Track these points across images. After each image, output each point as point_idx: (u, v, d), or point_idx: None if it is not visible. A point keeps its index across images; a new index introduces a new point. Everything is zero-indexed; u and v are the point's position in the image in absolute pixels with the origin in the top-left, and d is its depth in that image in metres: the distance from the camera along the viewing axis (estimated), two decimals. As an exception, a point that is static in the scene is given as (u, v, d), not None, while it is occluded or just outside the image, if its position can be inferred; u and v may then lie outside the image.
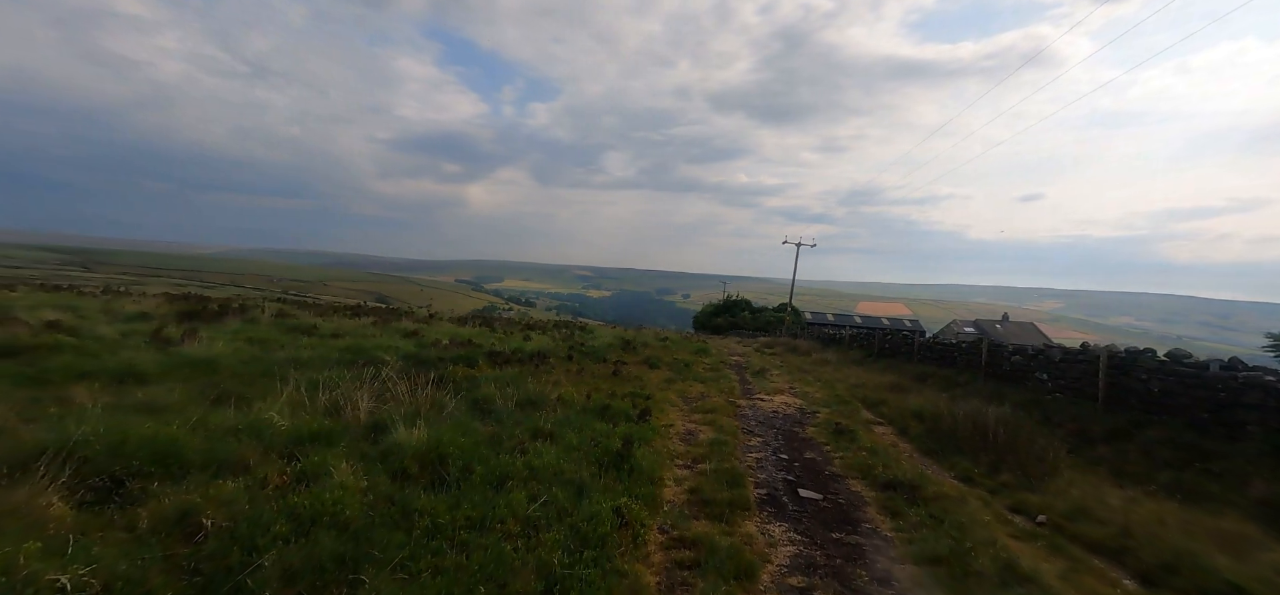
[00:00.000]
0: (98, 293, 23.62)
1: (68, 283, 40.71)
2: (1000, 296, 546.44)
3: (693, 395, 10.47)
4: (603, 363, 13.00)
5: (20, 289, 21.71)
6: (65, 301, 15.64)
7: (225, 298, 25.72)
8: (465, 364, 10.10)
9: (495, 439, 5.23)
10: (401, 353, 10.02)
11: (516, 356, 11.71)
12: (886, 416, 10.30)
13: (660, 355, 15.25)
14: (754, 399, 10.96)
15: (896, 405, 10.88)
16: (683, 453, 6.09)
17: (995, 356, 13.36)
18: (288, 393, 6.37)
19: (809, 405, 10.65)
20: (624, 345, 16.44)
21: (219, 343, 8.94)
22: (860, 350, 22.32)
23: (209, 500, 3.29)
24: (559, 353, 13.26)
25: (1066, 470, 7.03)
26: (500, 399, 7.09)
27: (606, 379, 10.49)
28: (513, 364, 11.25)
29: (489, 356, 11.15)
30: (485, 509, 3.60)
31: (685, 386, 11.30)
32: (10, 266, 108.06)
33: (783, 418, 9.22)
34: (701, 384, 11.88)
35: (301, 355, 8.71)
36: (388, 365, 9.18)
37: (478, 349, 11.67)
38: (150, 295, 23.90)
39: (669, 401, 9.30)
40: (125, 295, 22.41)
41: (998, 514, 5.40)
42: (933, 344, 17.14)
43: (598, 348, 14.96)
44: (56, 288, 25.78)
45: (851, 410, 10.32)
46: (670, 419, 7.94)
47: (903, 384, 13.59)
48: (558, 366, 11.77)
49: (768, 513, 4.56)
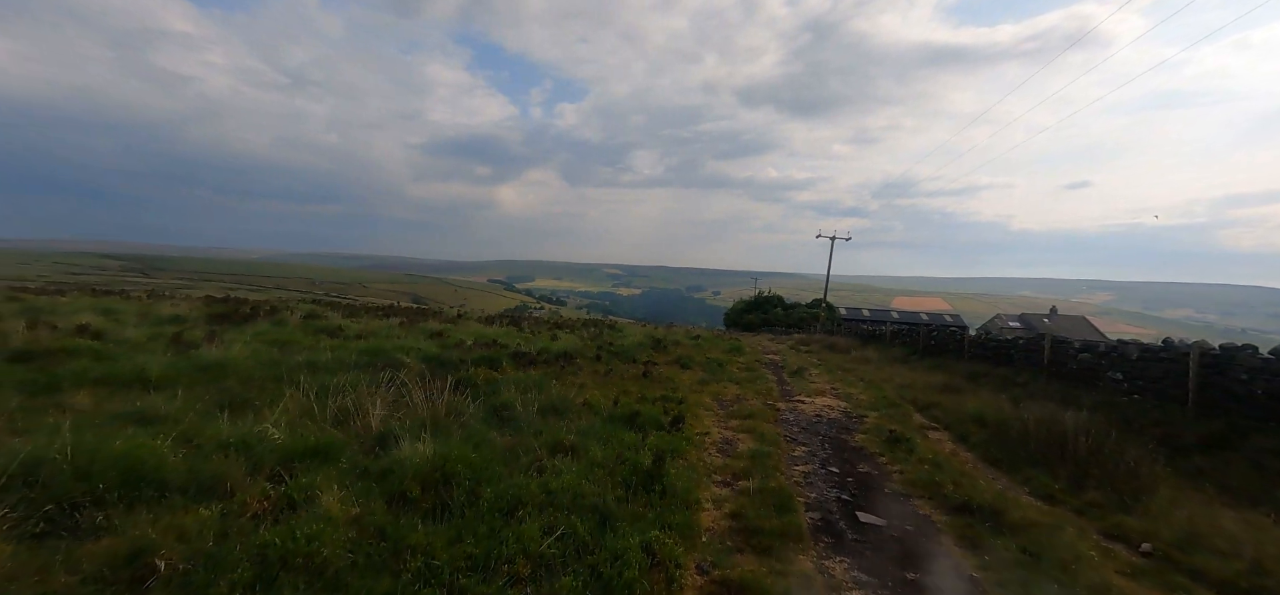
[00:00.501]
0: (145, 296, 24.26)
1: (122, 287, 42.40)
2: (1045, 289, 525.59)
3: (728, 398, 9.79)
4: (632, 363, 12.42)
5: (71, 293, 22.38)
6: (107, 305, 15.90)
7: (260, 299, 26.17)
8: (488, 366, 9.65)
9: (511, 453, 4.68)
10: (423, 354, 9.63)
11: (542, 357, 11.23)
12: (941, 421, 9.43)
13: (692, 355, 14.58)
14: (794, 401, 10.21)
15: (951, 408, 9.99)
16: (721, 467, 5.44)
17: (1059, 354, 12.25)
18: (295, 400, 5.98)
19: (854, 408, 9.85)
20: (654, 344, 15.84)
21: (237, 345, 8.69)
22: (903, 347, 21.17)
23: (169, 534, 2.82)
24: (587, 353, 12.74)
25: (1163, 487, 6.12)
26: (521, 405, 6.56)
27: (636, 381, 9.90)
28: (538, 365, 10.77)
29: (514, 358, 10.69)
30: (491, 544, 3.05)
31: (720, 388, 10.62)
32: (76, 273, 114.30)
33: (827, 423, 8.46)
34: (737, 386, 11.18)
35: (320, 358, 8.38)
36: (407, 368, 8.80)
37: (502, 350, 11.23)
38: (191, 298, 24.44)
39: (703, 406, 8.65)
40: (168, 298, 22.93)
41: (1093, 541, 4.60)
42: (984, 340, 15.99)
43: (627, 347, 14.39)
44: (108, 292, 26.62)
45: (902, 414, 9.48)
46: (705, 426, 7.29)
47: (954, 384, 12.61)
48: (585, 368, 11.24)
49: (824, 543, 3.89)
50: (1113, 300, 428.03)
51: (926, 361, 17.38)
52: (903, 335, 22.89)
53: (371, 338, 12.04)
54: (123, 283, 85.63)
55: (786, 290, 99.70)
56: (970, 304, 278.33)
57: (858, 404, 10.26)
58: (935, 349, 18.83)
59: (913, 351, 19.99)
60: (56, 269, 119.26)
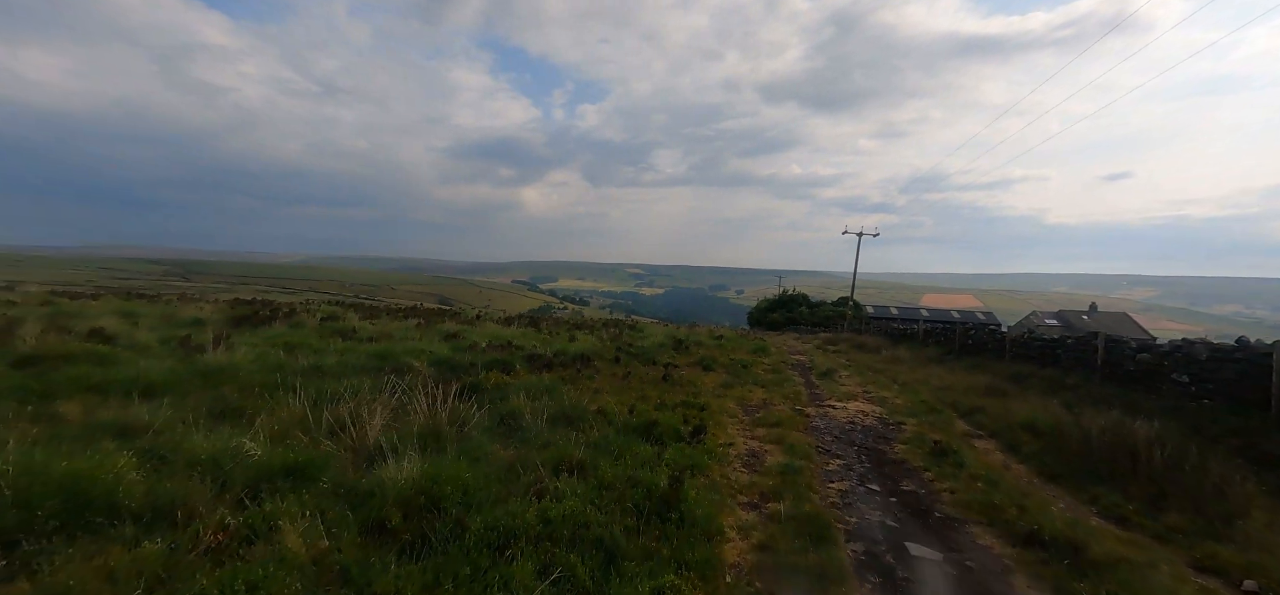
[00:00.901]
0: (176, 299, 24.65)
1: (159, 291, 43.55)
2: (1083, 285, 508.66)
3: (753, 403, 9.20)
4: (652, 365, 11.90)
5: (105, 297, 22.78)
6: (132, 309, 16.03)
7: (287, 302, 26.43)
8: (501, 370, 9.24)
9: (511, 470, 4.20)
10: (434, 357, 9.27)
11: (559, 360, 10.79)
12: (987, 428, 8.70)
13: (715, 356, 14.00)
14: (824, 406, 9.57)
15: (997, 414, 9.23)
16: (747, 485, 4.88)
17: (1116, 354, 11.33)
18: (289, 409, 5.61)
19: (890, 414, 9.16)
20: (676, 345, 15.29)
21: (243, 349, 8.43)
22: (937, 347, 20.21)
23: (97, 577, 2.40)
24: (605, 355, 12.27)
25: (1256, 509, 5.36)
26: (531, 413, 6.10)
27: (655, 385, 9.38)
28: (554, 368, 10.33)
29: (528, 360, 10.27)
30: (474, 590, 2.56)
31: (744, 392, 10.03)
32: (122, 278, 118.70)
33: (862, 431, 7.81)
34: (763, 389, 10.58)
35: (326, 362, 8.06)
36: (416, 372, 8.43)
37: (517, 352, 10.82)
38: (219, 301, 24.74)
39: (726, 412, 8.08)
40: (196, 301, 23.21)
41: (1178, 573, 3.92)
42: (1027, 339, 15.03)
43: (647, 348, 13.88)
44: (142, 296, 27.12)
45: (944, 421, 8.77)
46: (729, 436, 6.73)
47: (998, 387, 11.78)
48: (603, 371, 10.76)
49: (871, 584, 3.30)
50: (1156, 296, 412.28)
51: (964, 362, 16.48)
52: (936, 334, 21.90)
53: (385, 340, 11.76)
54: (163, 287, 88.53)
55: (811, 288, 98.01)
56: (1003, 301, 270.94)
57: (894, 409, 9.56)
58: (973, 348, 17.87)
59: (948, 351, 19.04)
60: (103, 274, 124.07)
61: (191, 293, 40.10)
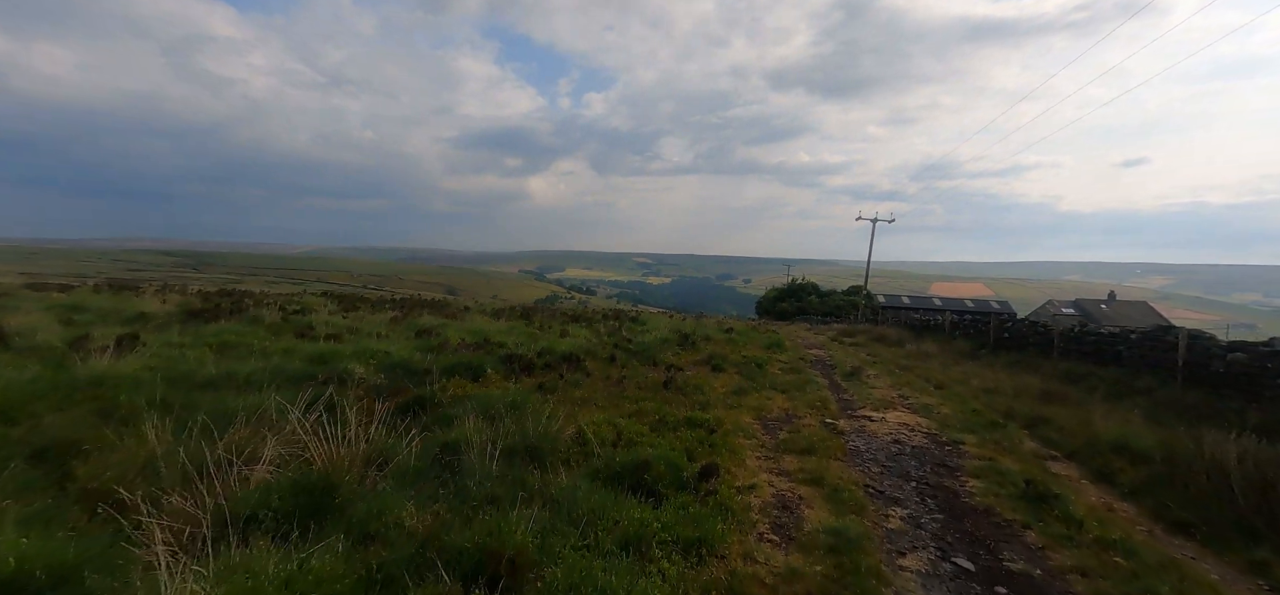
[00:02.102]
0: (152, 291, 23.32)
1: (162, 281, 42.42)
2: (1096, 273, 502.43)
3: (774, 415, 7.58)
4: (653, 366, 10.30)
5: (79, 290, 21.41)
6: (83, 301, 14.60)
7: (267, 292, 25.05)
8: (468, 375, 7.67)
9: (387, 577, 2.61)
10: (390, 360, 7.69)
11: (543, 361, 9.21)
12: (1062, 447, 7.04)
13: (725, 354, 12.37)
14: (858, 417, 7.93)
15: (1071, 429, 7.56)
16: (783, 571, 3.27)
17: (1201, 353, 9.59)
18: (144, 442, 4.07)
19: (941, 428, 7.51)
20: (681, 341, 13.66)
21: (145, 353, 6.88)
22: (968, 341, 18.47)
23: None
24: (600, 353, 10.68)
25: None
26: (482, 441, 4.52)
27: (654, 393, 7.78)
28: (536, 372, 8.75)
29: (505, 362, 8.69)
30: None
31: (761, 399, 8.41)
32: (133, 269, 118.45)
33: (914, 456, 6.18)
34: (783, 395, 8.95)
35: (245, 369, 6.50)
36: (358, 381, 6.88)
37: (494, 352, 9.25)
38: (187, 292, 23.35)
39: (743, 431, 6.46)
40: (165, 292, 21.85)
41: None
42: (1080, 333, 13.26)
43: (648, 345, 12.28)
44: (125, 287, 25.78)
45: (1008, 439, 7.11)
46: (749, 471, 5.11)
47: (1055, 391, 10.09)
48: (595, 373, 9.17)
49: None
50: (1172, 284, 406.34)
51: (1002, 359, 14.76)
52: (965, 326, 20.12)
53: (346, 338, 10.23)
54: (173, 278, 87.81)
55: (820, 277, 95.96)
56: (1015, 290, 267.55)
57: (943, 421, 7.91)
58: (1011, 343, 16.12)
59: (980, 345, 17.30)
60: (116, 266, 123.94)
61: (183, 283, 38.94)
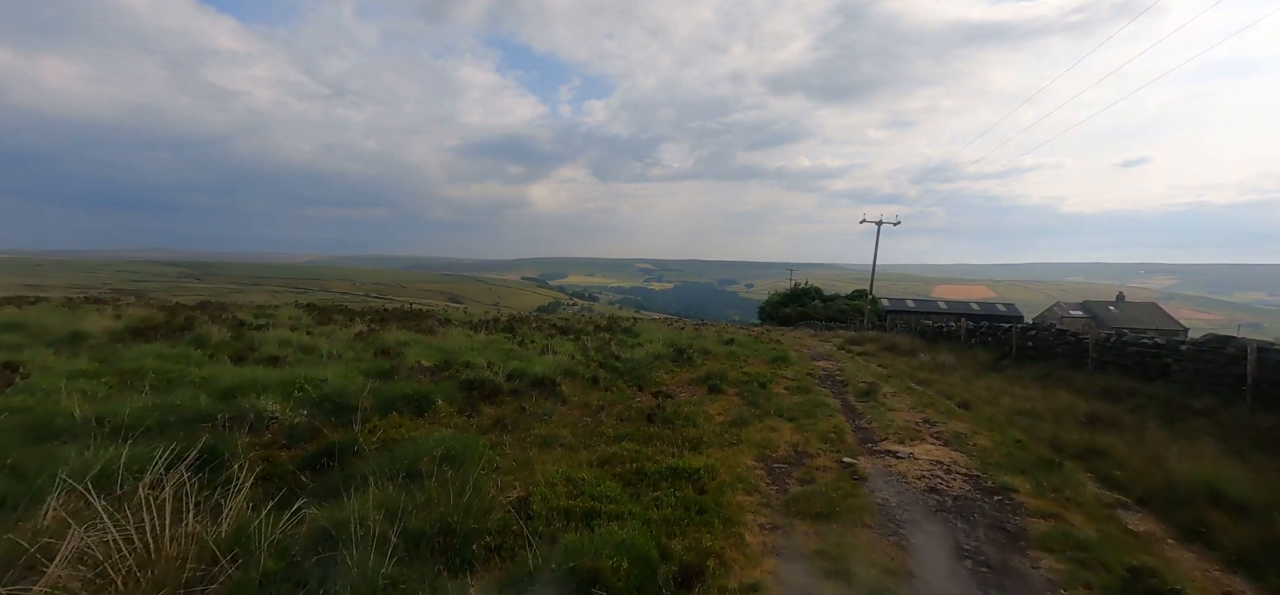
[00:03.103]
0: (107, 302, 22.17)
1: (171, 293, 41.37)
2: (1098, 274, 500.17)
3: (780, 453, 6.29)
4: (640, 389, 9.04)
5: (39, 304, 20.21)
6: (26, 318, 13.39)
7: (233, 302, 23.83)
8: (411, 408, 6.40)
9: None
10: (321, 392, 6.42)
11: (512, 386, 7.94)
12: (1132, 491, 5.74)
13: (724, 370, 11.08)
14: (880, 453, 6.63)
15: (1134, 465, 6.28)
16: None
17: (1271, 368, 8.27)
18: None
19: (982, 468, 6.21)
20: (676, 355, 12.36)
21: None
22: (987, 350, 17.14)
23: None
24: (581, 373, 9.41)
25: None
26: (378, 523, 3.25)
27: (637, 427, 6.50)
28: (500, 399, 7.49)
29: (465, 389, 7.43)
30: None
31: (765, 430, 7.12)
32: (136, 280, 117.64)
33: (958, 511, 4.89)
34: (789, 424, 7.65)
35: (129, 410, 5.22)
36: (273, 419, 5.61)
37: (457, 375, 7.98)
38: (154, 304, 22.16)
39: (742, 483, 5.17)
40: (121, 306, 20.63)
41: None
42: (1117, 344, 11.93)
43: (638, 362, 10.99)
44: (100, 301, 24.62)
45: (1067, 483, 5.80)
46: (749, 556, 3.81)
47: (1104, 415, 8.78)
48: (572, 400, 7.91)
49: None
50: (1176, 284, 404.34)
51: (1028, 371, 13.44)
52: (984, 334, 18.79)
53: (291, 360, 8.98)
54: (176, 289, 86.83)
55: (822, 281, 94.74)
56: (1018, 291, 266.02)
57: (983, 457, 6.61)
58: (1036, 353, 14.79)
59: (1001, 355, 15.98)
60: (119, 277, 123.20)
61: (200, 294, 37.87)
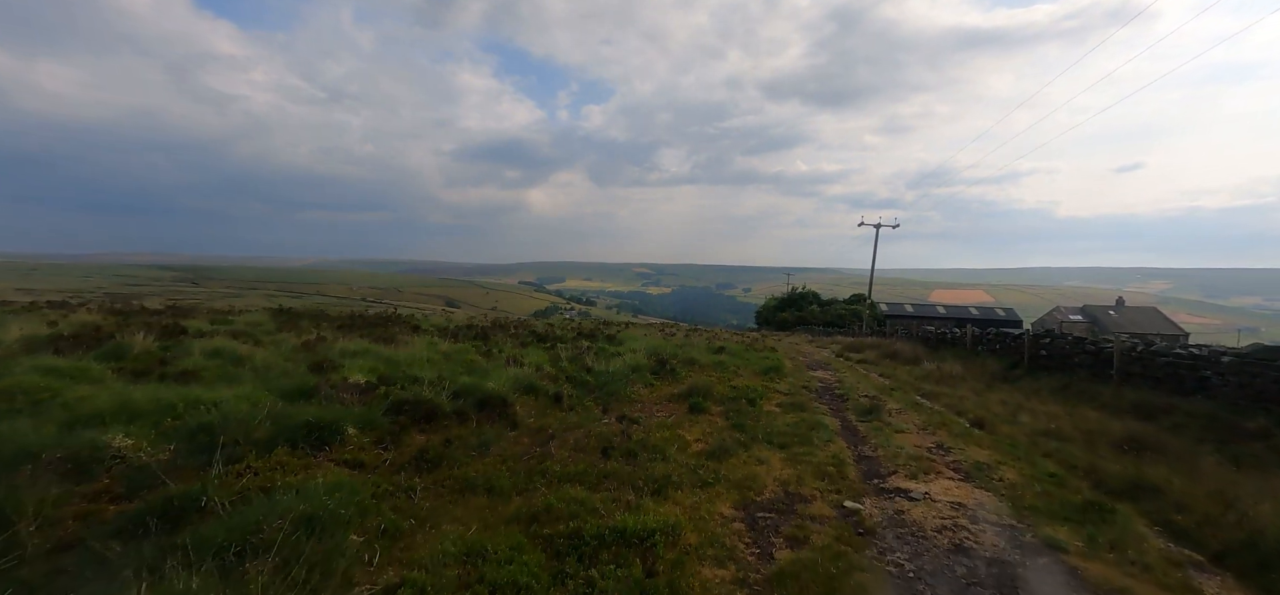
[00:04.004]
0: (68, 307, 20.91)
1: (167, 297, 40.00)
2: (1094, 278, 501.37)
3: (767, 497, 5.10)
4: (608, 409, 7.85)
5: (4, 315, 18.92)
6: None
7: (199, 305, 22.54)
8: (312, 441, 5.19)
9: None
10: (201, 420, 5.21)
11: (458, 406, 6.74)
12: (1196, 539, 4.58)
13: (711, 383, 9.89)
14: (889, 493, 5.45)
15: (1194, 505, 5.13)
16: None
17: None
18: None
19: (1014, 511, 5.04)
20: (657, 366, 11.16)
21: None
22: (997, 359, 15.99)
23: None
24: (545, 388, 8.21)
25: None
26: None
27: (590, 463, 5.31)
28: (434, 424, 6.30)
29: (393, 411, 6.23)
30: None
31: (750, 464, 5.93)
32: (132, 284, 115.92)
33: (1004, 583, 3.71)
34: (780, 453, 6.46)
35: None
36: (119, 457, 4.42)
37: (387, 394, 6.78)
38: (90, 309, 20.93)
39: (713, 544, 3.96)
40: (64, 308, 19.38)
41: None
42: (1145, 354, 10.75)
43: (613, 374, 9.80)
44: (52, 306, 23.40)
45: (1121, 534, 4.63)
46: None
47: (1143, 437, 7.60)
48: (526, 422, 6.73)
49: None
50: (1170, 289, 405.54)
51: (1045, 383, 12.29)
52: (992, 341, 17.64)
53: (204, 376, 7.76)
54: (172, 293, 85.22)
55: (820, 286, 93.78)
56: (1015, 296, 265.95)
57: (1013, 496, 5.43)
58: (1051, 363, 13.63)
59: (1012, 364, 14.83)
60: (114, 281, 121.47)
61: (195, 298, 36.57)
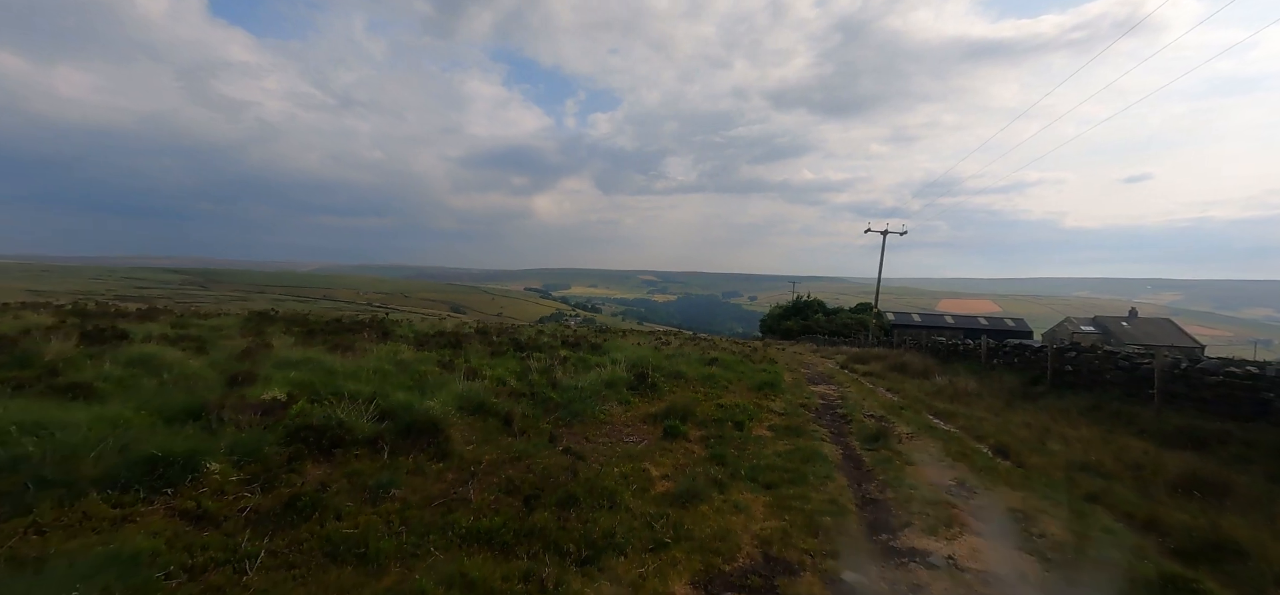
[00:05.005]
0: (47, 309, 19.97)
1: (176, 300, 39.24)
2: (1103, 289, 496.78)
3: (738, 565, 3.88)
4: (553, 440, 6.65)
5: None
6: None
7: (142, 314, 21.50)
8: (159, 480, 4.03)
9: None
10: (11, 456, 4.07)
11: (381, 430, 5.57)
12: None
13: (694, 403, 8.68)
14: (902, 556, 4.21)
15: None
16: None
17: None
18: None
19: (1068, 587, 3.81)
20: (635, 381, 9.93)
21: None
22: (1014, 373, 14.67)
23: None
24: (497, 408, 7.03)
25: None
26: None
27: (511, 516, 4.12)
28: (351, 450, 5.15)
29: (293, 438, 5.07)
30: None
31: (724, 513, 4.70)
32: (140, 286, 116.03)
33: None
34: (765, 495, 5.23)
35: None
36: None
37: (291, 417, 5.62)
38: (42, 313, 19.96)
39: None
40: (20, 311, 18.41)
41: None
42: (1194, 372, 9.42)
43: (584, 390, 8.60)
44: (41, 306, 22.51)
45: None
46: None
47: (1208, 476, 6.32)
48: (461, 451, 5.57)
49: None
50: (1181, 300, 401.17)
51: (1071, 402, 10.98)
52: (1009, 354, 16.31)
53: (102, 396, 6.63)
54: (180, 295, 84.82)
55: (826, 294, 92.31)
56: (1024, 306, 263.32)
57: (1062, 561, 4.19)
58: (1078, 379, 12.32)
59: (1034, 381, 13.52)
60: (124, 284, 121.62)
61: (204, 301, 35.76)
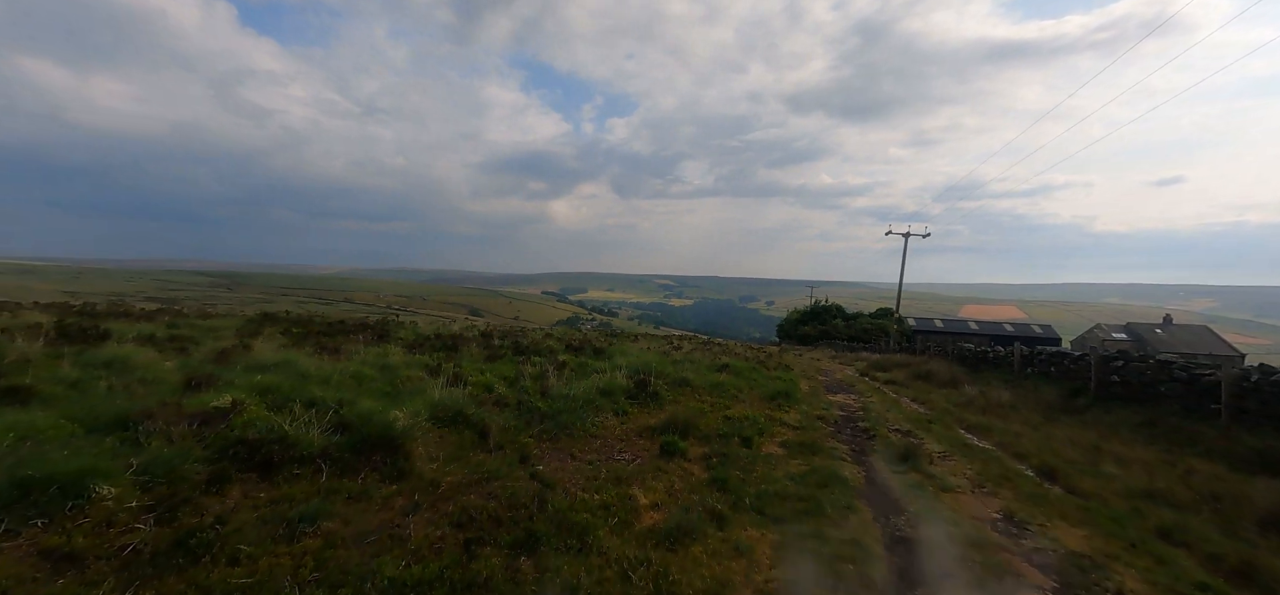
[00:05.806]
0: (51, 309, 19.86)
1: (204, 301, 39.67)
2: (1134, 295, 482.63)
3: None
4: (525, 459, 5.85)
5: None
6: None
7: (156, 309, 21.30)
8: (51, 502, 3.31)
9: None
10: None
11: (331, 444, 4.83)
12: None
13: (698, 414, 7.81)
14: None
15: None
16: None
17: None
18: None
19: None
20: (636, 389, 9.10)
21: None
22: (1052, 384, 13.51)
23: None
24: (472, 419, 6.26)
25: None
26: None
27: (451, 562, 3.32)
28: (279, 470, 4.40)
29: (224, 455, 4.35)
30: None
31: (720, 559, 3.83)
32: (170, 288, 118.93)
33: None
34: (772, 532, 4.36)
35: None
36: None
37: (230, 427, 4.90)
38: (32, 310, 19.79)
39: None
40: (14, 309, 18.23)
41: None
42: (1267, 384, 8.31)
43: (576, 399, 7.79)
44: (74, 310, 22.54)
45: None
46: None
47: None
48: (421, 469, 4.80)
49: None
50: (1217, 307, 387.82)
51: (1121, 417, 9.89)
52: (1043, 362, 15.11)
53: (48, 399, 6.00)
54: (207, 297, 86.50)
55: (844, 299, 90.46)
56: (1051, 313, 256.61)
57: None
58: (1127, 392, 11.17)
59: (1075, 392, 12.37)
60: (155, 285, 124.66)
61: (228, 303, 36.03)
